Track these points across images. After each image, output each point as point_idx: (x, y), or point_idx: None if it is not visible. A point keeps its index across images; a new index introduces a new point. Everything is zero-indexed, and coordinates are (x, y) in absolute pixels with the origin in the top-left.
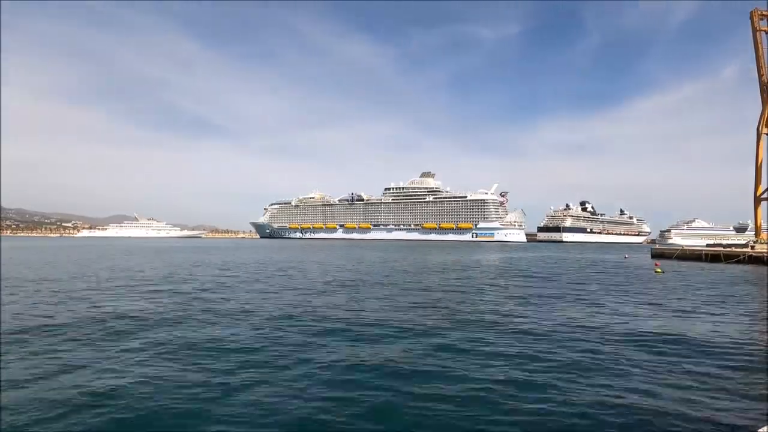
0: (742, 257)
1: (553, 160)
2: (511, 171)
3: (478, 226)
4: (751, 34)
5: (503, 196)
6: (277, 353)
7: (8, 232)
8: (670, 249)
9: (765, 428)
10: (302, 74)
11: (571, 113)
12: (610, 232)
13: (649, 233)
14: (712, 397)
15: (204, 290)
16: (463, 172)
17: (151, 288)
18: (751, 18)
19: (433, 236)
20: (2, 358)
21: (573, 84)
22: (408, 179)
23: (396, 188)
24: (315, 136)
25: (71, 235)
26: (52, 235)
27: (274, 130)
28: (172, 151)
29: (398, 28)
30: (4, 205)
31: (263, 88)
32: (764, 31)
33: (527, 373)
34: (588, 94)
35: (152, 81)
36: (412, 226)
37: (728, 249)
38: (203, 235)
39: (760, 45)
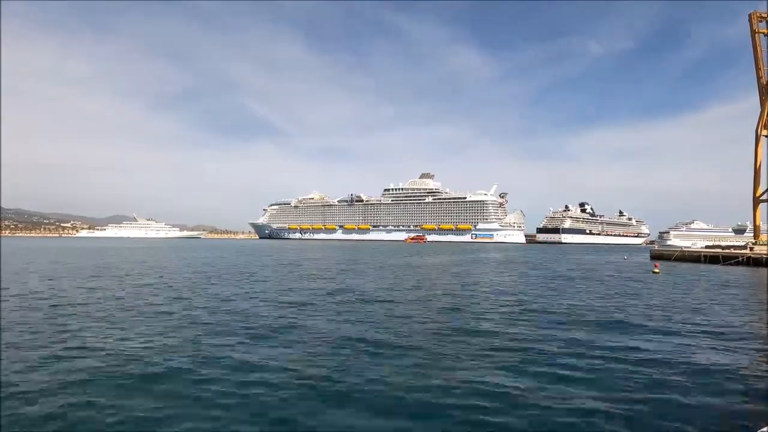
0: (741, 259)
1: (590, 165)
2: (557, 175)
3: (477, 227)
4: (749, 36)
5: (502, 197)
6: None
7: (7, 232)
8: (669, 250)
9: (766, 429)
10: (389, 78)
11: (627, 122)
12: (609, 233)
13: (648, 234)
14: (712, 398)
15: None
16: (464, 173)
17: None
18: (750, 20)
19: (432, 237)
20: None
21: (648, 94)
22: (407, 180)
23: (395, 189)
24: (369, 138)
25: (70, 235)
26: (51, 235)
27: (326, 132)
28: (176, 152)
29: (510, 39)
30: (3, 205)
31: (334, 88)
32: (763, 33)
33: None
34: (655, 103)
35: (220, 81)
36: (412, 227)
37: (727, 250)
38: (202, 236)
39: (758, 47)
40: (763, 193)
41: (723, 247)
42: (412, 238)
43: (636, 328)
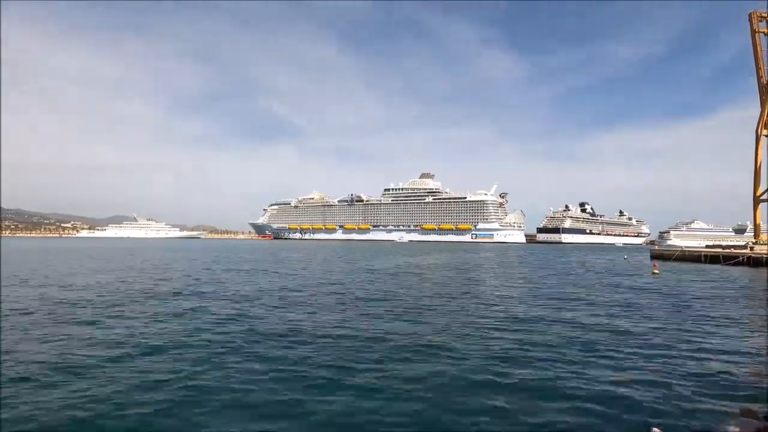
0: (741, 258)
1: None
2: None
3: (477, 227)
4: (750, 35)
5: (503, 197)
6: None
7: (7, 232)
8: (670, 250)
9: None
10: (417, 79)
11: (630, 125)
12: (609, 233)
13: (649, 234)
14: (710, 397)
15: None
16: (464, 173)
17: None
18: (750, 20)
19: (432, 237)
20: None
21: (657, 98)
22: (408, 180)
23: (395, 189)
24: (373, 139)
25: (70, 235)
26: (51, 235)
27: (333, 133)
28: (175, 152)
29: (542, 43)
30: (3, 205)
31: (352, 89)
32: (763, 32)
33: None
34: (661, 107)
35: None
36: (412, 227)
37: (727, 250)
38: (202, 236)
39: (759, 47)
40: (763, 193)
41: (723, 247)
42: (262, 236)
43: (638, 329)
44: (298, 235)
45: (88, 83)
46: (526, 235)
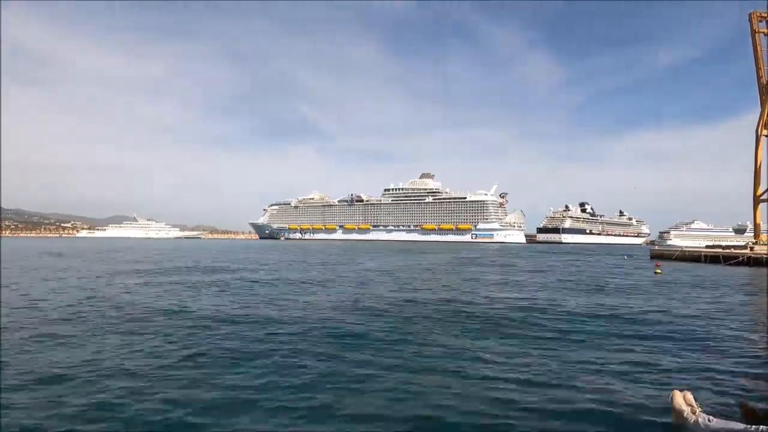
0: (741, 259)
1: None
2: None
3: (477, 227)
4: (750, 36)
5: (503, 197)
6: None
7: (7, 232)
8: (670, 250)
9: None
10: (446, 81)
11: (635, 128)
12: (609, 233)
13: (649, 234)
14: (711, 394)
15: None
16: (464, 173)
17: None
18: (750, 20)
19: (432, 237)
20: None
21: (681, 100)
22: (408, 180)
23: (395, 189)
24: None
25: (71, 235)
26: (51, 235)
27: (336, 134)
28: (175, 152)
29: (584, 47)
30: (3, 205)
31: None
32: (763, 33)
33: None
34: (668, 111)
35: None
36: (412, 227)
37: (727, 250)
38: (202, 236)
39: (758, 47)
40: (764, 193)
41: (723, 247)
42: None
43: (642, 330)
44: (298, 235)
45: (88, 83)
46: (526, 235)
